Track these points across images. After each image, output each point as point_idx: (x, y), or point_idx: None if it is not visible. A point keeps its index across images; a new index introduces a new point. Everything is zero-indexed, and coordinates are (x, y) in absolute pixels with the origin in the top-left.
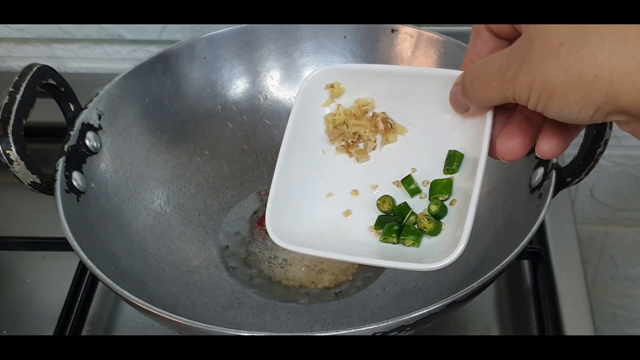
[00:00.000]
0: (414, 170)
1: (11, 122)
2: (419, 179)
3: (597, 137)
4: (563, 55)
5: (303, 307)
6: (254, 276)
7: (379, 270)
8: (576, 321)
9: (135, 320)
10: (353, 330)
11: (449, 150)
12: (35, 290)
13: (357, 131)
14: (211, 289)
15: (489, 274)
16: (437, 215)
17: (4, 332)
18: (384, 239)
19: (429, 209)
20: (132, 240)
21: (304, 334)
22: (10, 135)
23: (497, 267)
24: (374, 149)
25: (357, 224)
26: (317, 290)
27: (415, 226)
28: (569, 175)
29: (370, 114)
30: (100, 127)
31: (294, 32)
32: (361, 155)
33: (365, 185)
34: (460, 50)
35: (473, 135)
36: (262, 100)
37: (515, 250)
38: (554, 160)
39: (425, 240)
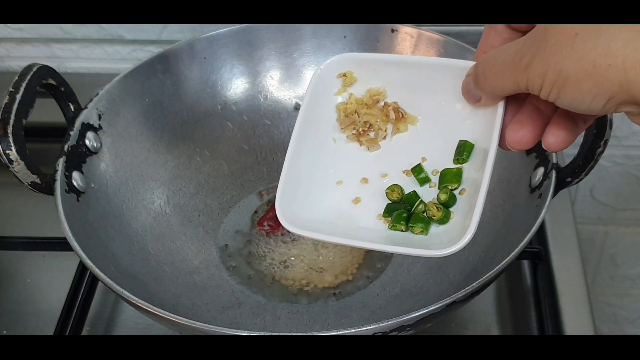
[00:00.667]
0: (424, 159)
1: (11, 122)
2: (429, 168)
3: (597, 137)
4: (578, 45)
5: (303, 307)
6: (254, 276)
7: (379, 270)
8: (576, 321)
9: (135, 320)
10: (353, 330)
11: (460, 140)
12: (35, 290)
13: (368, 120)
14: (211, 289)
15: (489, 274)
16: (446, 204)
17: (4, 332)
18: (393, 227)
19: (438, 198)
20: (132, 240)
21: (304, 334)
22: (10, 135)
23: (497, 267)
24: (384, 138)
25: (366, 211)
26: (317, 290)
27: (424, 214)
28: (569, 175)
29: (382, 104)
30: (100, 127)
31: (294, 32)
32: (372, 144)
33: (375, 174)
34: (461, 50)
35: (484, 126)
36: (262, 100)
37: (515, 250)
38: (554, 160)
39: (434, 229)
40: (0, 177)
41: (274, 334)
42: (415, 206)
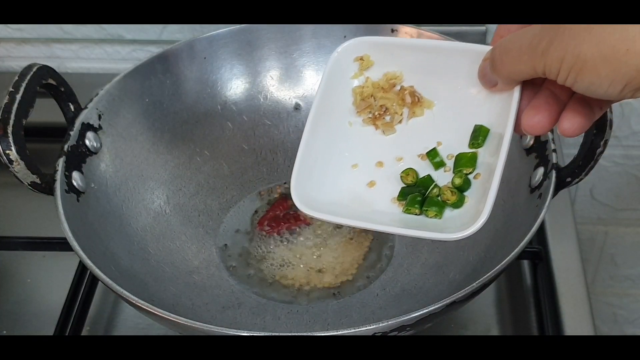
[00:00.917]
0: (439, 143)
1: (11, 122)
2: (444, 152)
3: (597, 137)
4: (596, 29)
5: (303, 307)
6: (254, 276)
7: (379, 270)
8: (576, 321)
9: (135, 320)
10: (353, 330)
11: (475, 125)
12: (35, 290)
13: (385, 104)
14: (211, 289)
15: (489, 274)
16: (461, 188)
17: (4, 332)
18: (407, 210)
19: (452, 182)
20: (132, 240)
21: (304, 334)
22: (10, 135)
23: (497, 267)
24: (400, 122)
25: (380, 195)
26: (317, 290)
27: (439, 198)
28: (569, 175)
29: (398, 88)
30: (100, 127)
31: (294, 32)
32: (387, 128)
33: (390, 158)
34: None
35: (499, 111)
36: (262, 100)
37: (515, 250)
38: (554, 160)
39: (448, 212)
40: (0, 177)
41: (274, 334)
42: (429, 190)
